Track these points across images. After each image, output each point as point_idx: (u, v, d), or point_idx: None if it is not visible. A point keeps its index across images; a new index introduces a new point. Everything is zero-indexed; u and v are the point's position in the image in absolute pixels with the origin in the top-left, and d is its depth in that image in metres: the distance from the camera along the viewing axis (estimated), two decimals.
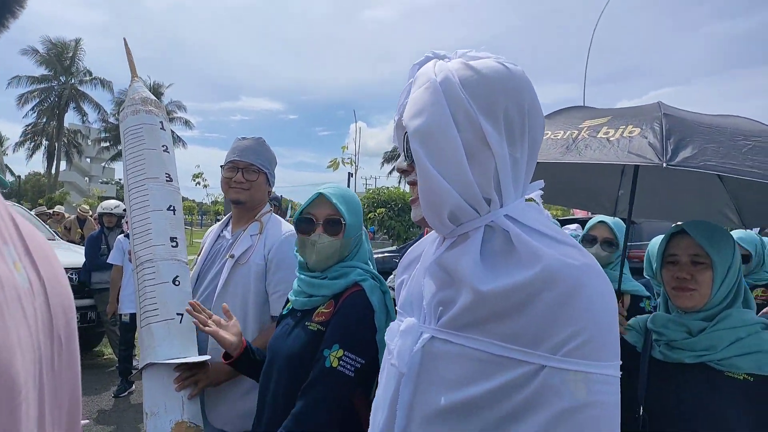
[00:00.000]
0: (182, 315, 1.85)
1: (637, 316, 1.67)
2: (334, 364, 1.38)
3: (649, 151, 1.38)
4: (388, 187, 21.27)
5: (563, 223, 6.34)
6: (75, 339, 0.65)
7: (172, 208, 1.97)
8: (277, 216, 2.25)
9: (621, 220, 2.46)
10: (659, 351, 1.50)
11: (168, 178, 2.00)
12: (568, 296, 0.74)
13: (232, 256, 2.04)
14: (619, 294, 2.32)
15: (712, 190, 1.88)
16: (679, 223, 1.63)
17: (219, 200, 28.14)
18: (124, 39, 2.13)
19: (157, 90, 48.57)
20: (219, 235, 2.23)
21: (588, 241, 2.45)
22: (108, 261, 5.52)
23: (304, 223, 1.59)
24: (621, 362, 0.77)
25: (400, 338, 0.91)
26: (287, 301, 1.71)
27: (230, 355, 1.67)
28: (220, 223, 2.32)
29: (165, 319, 1.83)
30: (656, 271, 1.59)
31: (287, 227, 2.16)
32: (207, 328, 1.69)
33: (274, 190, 2.30)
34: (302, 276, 1.63)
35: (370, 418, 0.99)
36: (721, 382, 1.36)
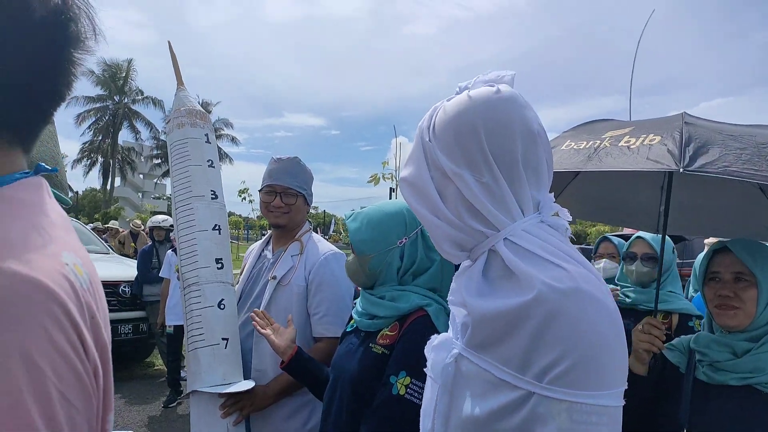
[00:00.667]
0: (227, 340, 1.89)
1: (681, 336, 1.64)
2: (402, 392, 1.36)
3: (667, 158, 1.37)
4: None
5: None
6: (109, 350, 0.69)
7: (217, 227, 1.97)
8: (317, 234, 2.27)
9: (668, 237, 2.42)
10: (703, 372, 1.47)
11: (213, 195, 1.99)
12: (549, 320, 0.73)
13: (274, 278, 2.07)
14: (666, 315, 2.28)
15: (754, 206, 1.83)
16: (722, 239, 1.60)
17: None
18: (169, 42, 2.10)
19: (205, 108, 49.93)
20: (260, 254, 2.26)
21: (629, 258, 2.41)
22: (160, 275, 5.74)
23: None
24: (658, 380, 0.75)
25: (432, 351, 0.97)
26: (350, 318, 1.71)
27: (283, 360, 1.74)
28: (261, 241, 2.35)
29: (210, 345, 1.86)
30: (699, 289, 1.57)
31: (326, 247, 2.17)
32: (263, 331, 1.78)
33: (318, 205, 2.34)
34: (364, 293, 1.64)
35: (420, 424, 1.03)
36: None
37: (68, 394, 0.52)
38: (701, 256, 2.04)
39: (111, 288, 6.10)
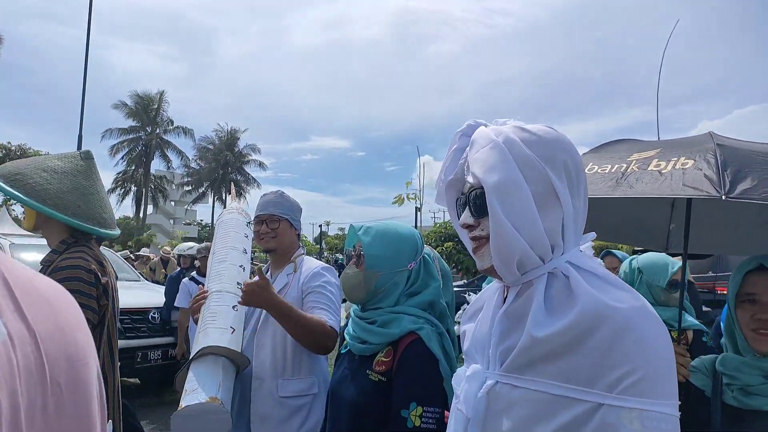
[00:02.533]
0: (234, 329, 2.10)
1: (701, 356, 1.56)
2: (417, 423, 1.38)
3: (706, 183, 1.33)
4: None
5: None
6: (85, 386, 0.65)
7: (242, 266, 2.34)
8: (309, 257, 2.50)
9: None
10: (732, 396, 1.39)
11: (244, 251, 2.40)
12: (618, 336, 0.78)
13: None
14: (681, 332, 2.20)
15: None
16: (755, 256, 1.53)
17: None
18: (231, 183, 2.59)
19: (233, 135, 51.27)
20: None
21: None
22: (176, 304, 5.80)
23: (346, 259, 1.70)
24: (681, 404, 0.76)
25: (466, 383, 0.97)
26: (342, 339, 1.74)
27: None
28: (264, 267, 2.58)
29: (220, 327, 2.07)
30: (731, 308, 1.49)
31: (318, 263, 2.41)
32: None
33: (344, 226, 2.49)
34: (354, 317, 1.66)
35: None
36: None
37: None
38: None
39: (141, 315, 6.22)
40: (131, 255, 12.00)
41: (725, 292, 1.64)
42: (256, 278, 1.99)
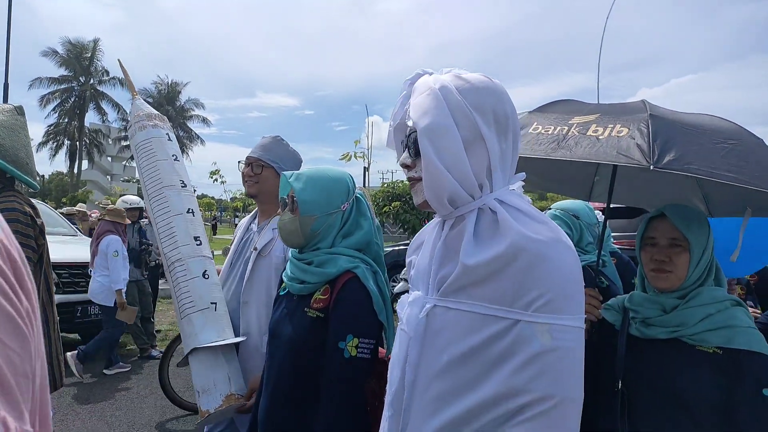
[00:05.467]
0: (216, 303, 2.08)
1: (617, 296, 1.75)
2: (353, 353, 1.47)
3: (637, 153, 1.44)
4: (402, 181, 21.20)
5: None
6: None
7: (191, 210, 2.19)
8: None
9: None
10: (635, 328, 1.58)
11: (182, 185, 2.21)
12: (533, 264, 0.91)
13: (255, 249, 2.22)
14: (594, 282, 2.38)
15: (684, 180, 1.93)
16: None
17: (237, 196, 28.39)
18: (119, 60, 2.35)
19: (174, 88, 49.12)
20: (248, 228, 2.41)
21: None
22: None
23: (282, 206, 1.72)
24: (595, 337, 0.87)
25: (409, 307, 1.10)
26: (281, 281, 1.79)
27: None
28: (250, 215, 2.50)
29: (201, 309, 2.05)
30: (637, 253, 1.67)
31: None
32: None
33: None
34: (292, 259, 1.72)
35: (388, 374, 1.16)
36: (693, 356, 1.44)
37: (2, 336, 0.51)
38: None
39: (80, 269, 6.08)
40: (74, 211, 11.48)
41: None
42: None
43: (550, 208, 2.72)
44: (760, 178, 1.36)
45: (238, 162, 2.37)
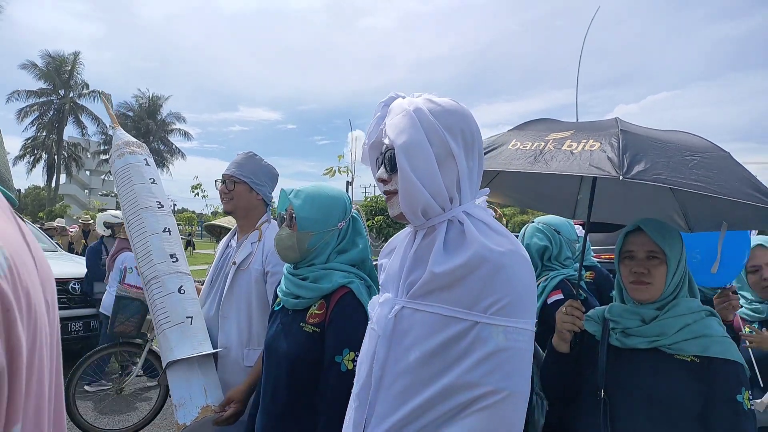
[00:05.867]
0: (191, 317, 2.12)
1: (596, 307, 1.81)
2: (350, 367, 1.50)
3: (608, 165, 1.50)
4: None
5: None
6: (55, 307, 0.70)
7: (167, 229, 2.25)
8: (276, 222, 2.43)
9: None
10: (616, 338, 1.64)
11: (159, 205, 2.28)
12: (493, 273, 1.02)
13: (234, 263, 2.25)
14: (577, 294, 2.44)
15: (662, 197, 2.01)
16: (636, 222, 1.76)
17: (219, 210, 28.21)
18: (100, 94, 2.55)
19: (155, 102, 48.84)
20: (227, 245, 2.46)
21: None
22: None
23: (279, 222, 1.77)
24: (577, 347, 0.97)
25: (379, 308, 1.18)
26: (276, 296, 1.81)
27: None
28: (230, 233, 2.54)
29: (177, 324, 2.09)
30: (616, 266, 1.73)
31: None
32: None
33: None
34: (287, 274, 1.75)
35: (356, 371, 1.24)
36: (672, 365, 1.51)
37: None
38: None
39: (61, 285, 5.99)
40: (55, 226, 11.31)
41: None
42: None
43: (532, 221, 2.79)
44: (726, 187, 1.43)
45: (215, 181, 2.43)
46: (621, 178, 1.45)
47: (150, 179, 2.31)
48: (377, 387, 1.13)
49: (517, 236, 2.16)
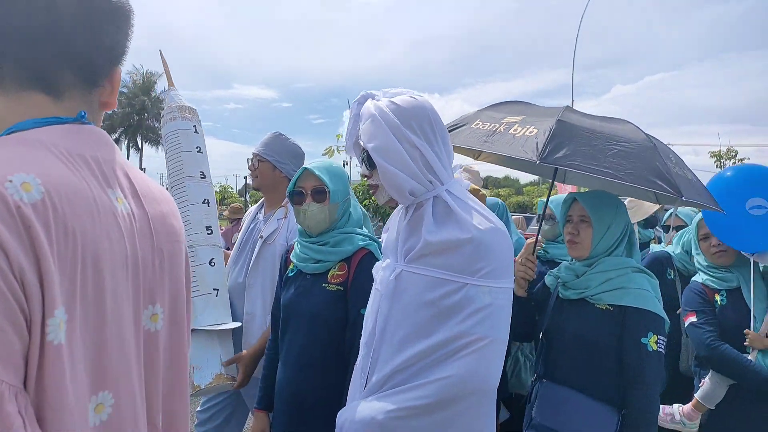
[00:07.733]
0: (218, 290, 2.25)
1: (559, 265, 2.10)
2: None
3: (532, 150, 1.71)
4: None
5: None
6: (178, 257, 0.85)
7: (206, 201, 2.33)
8: None
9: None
10: (560, 291, 1.97)
11: (202, 176, 2.34)
12: (478, 247, 1.25)
13: (261, 237, 2.39)
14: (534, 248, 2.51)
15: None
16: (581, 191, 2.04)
17: (217, 189, 28.29)
18: (160, 51, 2.49)
19: (149, 79, 48.51)
20: (255, 216, 2.59)
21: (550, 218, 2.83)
22: None
23: (296, 195, 1.89)
24: (537, 298, 1.44)
25: (382, 271, 1.40)
26: (289, 262, 2.00)
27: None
28: (257, 205, 2.68)
29: (203, 294, 2.21)
30: (560, 228, 2.07)
31: None
32: None
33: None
34: (304, 242, 1.92)
35: (363, 325, 1.45)
36: (593, 313, 1.83)
37: None
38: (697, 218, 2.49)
39: None
40: None
41: None
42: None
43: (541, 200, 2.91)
44: (633, 174, 1.64)
45: (247, 159, 2.58)
46: (537, 162, 1.65)
47: (197, 147, 2.34)
48: (381, 337, 1.32)
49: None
